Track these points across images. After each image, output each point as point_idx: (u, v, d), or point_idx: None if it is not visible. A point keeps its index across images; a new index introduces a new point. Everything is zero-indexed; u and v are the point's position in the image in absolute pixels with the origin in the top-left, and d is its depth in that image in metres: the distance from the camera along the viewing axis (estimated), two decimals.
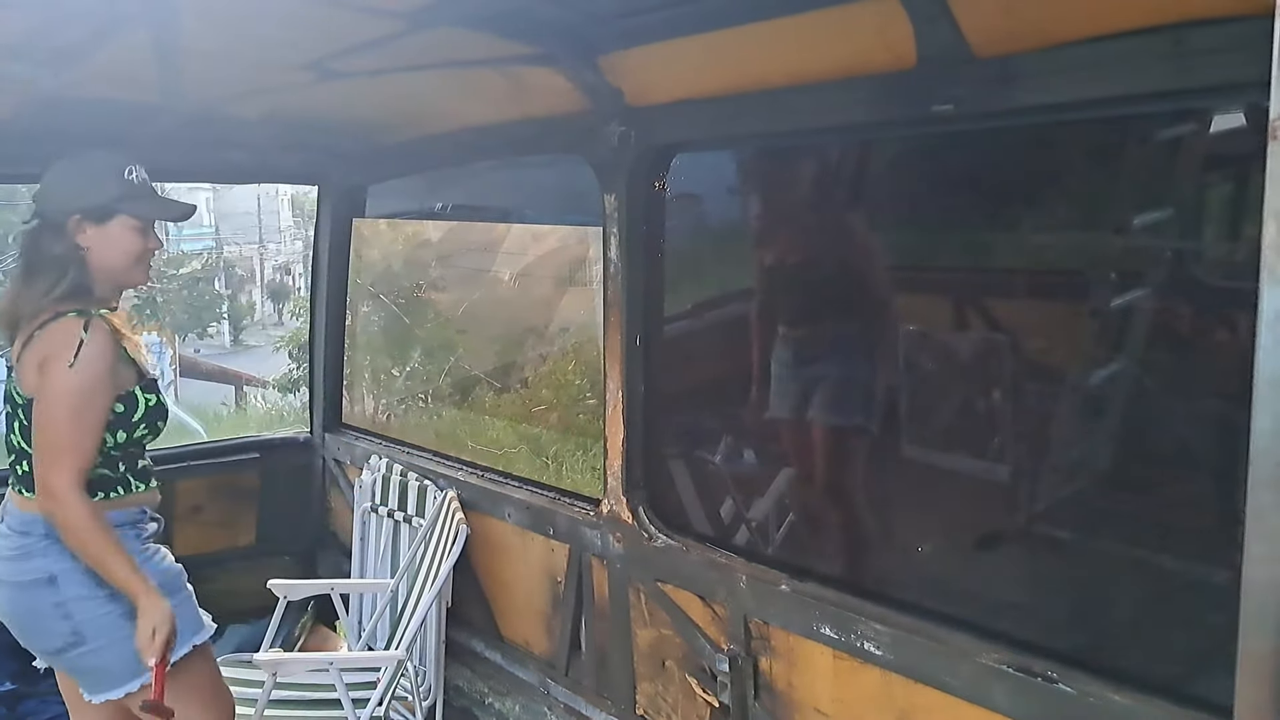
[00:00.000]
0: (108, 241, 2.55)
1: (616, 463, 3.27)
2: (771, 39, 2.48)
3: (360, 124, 4.03)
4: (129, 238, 2.59)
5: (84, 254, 2.54)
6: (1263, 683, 1.35)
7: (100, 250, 2.55)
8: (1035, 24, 2.07)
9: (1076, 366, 3.03)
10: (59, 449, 2.40)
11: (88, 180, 2.56)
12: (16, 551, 2.53)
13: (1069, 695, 2.15)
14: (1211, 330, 2.73)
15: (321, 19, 2.57)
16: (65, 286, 2.49)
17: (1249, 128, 2.16)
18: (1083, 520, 2.91)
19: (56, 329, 2.45)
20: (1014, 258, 3.24)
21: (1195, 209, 2.71)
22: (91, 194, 2.54)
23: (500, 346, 12.18)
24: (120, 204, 2.56)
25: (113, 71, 2.95)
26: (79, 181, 2.57)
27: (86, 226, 2.53)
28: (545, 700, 3.75)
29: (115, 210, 2.55)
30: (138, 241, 2.61)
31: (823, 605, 2.69)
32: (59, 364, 2.40)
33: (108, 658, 2.50)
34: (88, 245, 2.54)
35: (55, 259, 2.51)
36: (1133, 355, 2.80)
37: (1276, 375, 1.29)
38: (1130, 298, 2.80)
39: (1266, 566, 1.33)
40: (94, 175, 2.56)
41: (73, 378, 2.40)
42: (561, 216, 6.31)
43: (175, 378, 23.29)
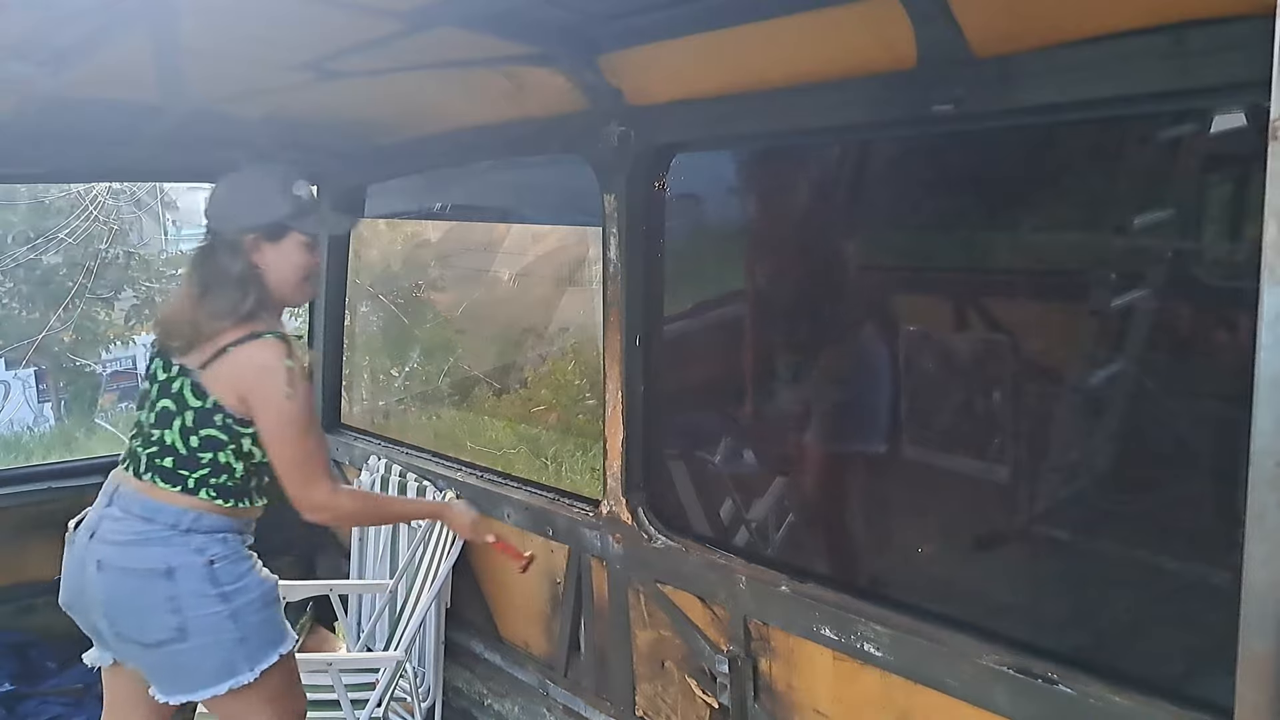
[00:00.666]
0: (282, 259, 2.64)
1: (616, 463, 3.27)
2: (771, 39, 2.47)
3: (359, 124, 4.02)
4: (300, 255, 2.67)
5: (260, 273, 2.61)
6: (1263, 684, 1.35)
7: (275, 268, 2.63)
8: (1035, 24, 2.07)
9: (1077, 367, 3.03)
10: (307, 468, 2.58)
11: (259, 198, 2.64)
12: (135, 537, 2.56)
13: (1069, 696, 2.15)
14: (1212, 330, 2.73)
15: (320, 19, 2.57)
16: (249, 305, 2.57)
17: (1249, 127, 2.16)
18: (1083, 521, 2.91)
19: (255, 355, 2.53)
20: (1014, 258, 3.24)
21: (1195, 209, 2.70)
22: (265, 212, 2.61)
23: (500, 347, 12.19)
24: (292, 221, 2.63)
25: (112, 72, 2.94)
26: (251, 199, 2.65)
27: (262, 245, 2.62)
28: (544, 701, 3.74)
29: (288, 228, 2.63)
30: (307, 258, 2.69)
31: (822, 606, 2.69)
32: (275, 394, 2.51)
33: (203, 657, 2.54)
34: (264, 264, 2.62)
35: (236, 278, 2.58)
36: (1133, 356, 2.79)
37: (1276, 375, 1.28)
38: (1130, 298, 2.80)
39: (1267, 567, 1.33)
40: (265, 192, 2.63)
41: (295, 404, 2.53)
42: (561, 217, 6.30)
43: None
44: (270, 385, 2.52)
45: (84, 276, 18.63)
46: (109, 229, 18.86)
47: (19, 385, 19.84)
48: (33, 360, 19.41)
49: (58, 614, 3.89)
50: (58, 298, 18.64)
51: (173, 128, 3.61)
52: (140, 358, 22.01)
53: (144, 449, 2.63)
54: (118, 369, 21.47)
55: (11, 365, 19.40)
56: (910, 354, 3.34)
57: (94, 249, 18.75)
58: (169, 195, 21.52)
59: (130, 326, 20.65)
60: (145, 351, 21.05)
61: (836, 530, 3.58)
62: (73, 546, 2.66)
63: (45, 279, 18.85)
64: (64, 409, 20.36)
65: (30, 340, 18.73)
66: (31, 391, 20.09)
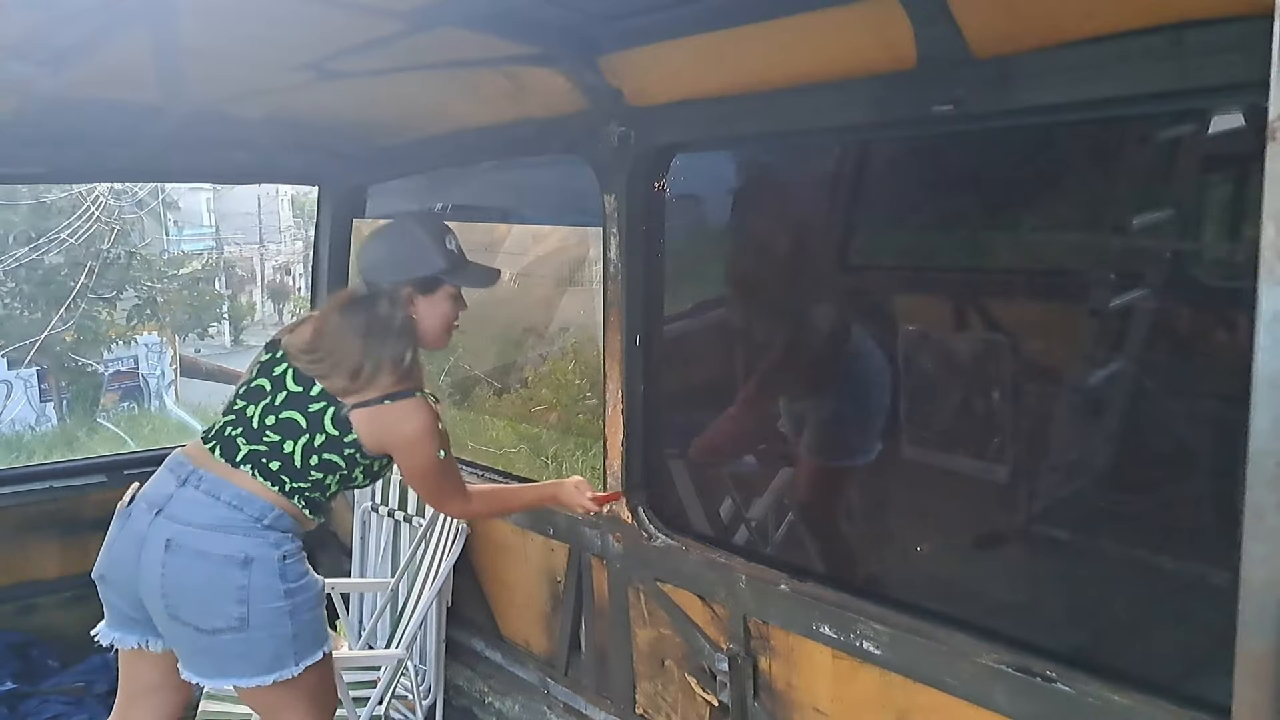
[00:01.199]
0: (432, 310, 2.74)
1: (616, 463, 3.27)
2: (771, 39, 2.48)
3: (361, 124, 4.03)
4: (448, 306, 2.77)
5: (414, 324, 2.72)
6: (1261, 683, 1.35)
7: (426, 320, 2.74)
8: (1035, 24, 2.07)
9: (1076, 367, 3.03)
10: (443, 494, 2.87)
11: (416, 252, 2.72)
12: (218, 523, 2.60)
13: (1068, 695, 2.15)
14: (1210, 330, 2.73)
15: (321, 19, 2.57)
16: (410, 358, 2.71)
17: (1248, 128, 2.16)
18: (1082, 520, 2.91)
19: (412, 414, 2.67)
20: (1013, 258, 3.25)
21: (1194, 209, 2.71)
22: (421, 267, 2.71)
23: (500, 346, 12.19)
24: (446, 276, 2.73)
25: (113, 72, 2.95)
26: (409, 253, 2.73)
27: (417, 298, 2.71)
28: (545, 700, 3.75)
29: (441, 282, 2.73)
30: (453, 310, 2.79)
31: (822, 605, 2.69)
32: (425, 455, 2.71)
33: (257, 649, 2.60)
34: (418, 316, 2.72)
35: (398, 329, 2.69)
36: (1132, 356, 2.80)
37: (1275, 375, 1.28)
38: (1129, 298, 2.80)
39: (1265, 566, 1.33)
40: (421, 247, 2.73)
41: (440, 458, 2.73)
42: (561, 217, 6.31)
43: (176, 378, 23.32)
44: (421, 448, 2.70)
45: (86, 276, 18.65)
46: (110, 229, 18.88)
47: (21, 385, 19.87)
48: (34, 360, 19.43)
49: (59, 613, 3.91)
50: (59, 298, 18.66)
51: (173, 128, 3.61)
52: (142, 357, 22.06)
53: (248, 443, 2.68)
54: (119, 369, 21.51)
55: (13, 365, 19.43)
56: (908, 353, 3.35)
57: (95, 249, 18.76)
58: (170, 195, 21.55)
59: (132, 326, 20.68)
60: (146, 351, 20.94)
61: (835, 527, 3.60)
62: (128, 521, 2.70)
63: (47, 279, 18.87)
64: (65, 408, 20.39)
65: (32, 340, 18.74)
66: (33, 391, 20.12)
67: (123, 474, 4.62)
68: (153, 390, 22.36)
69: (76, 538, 4.38)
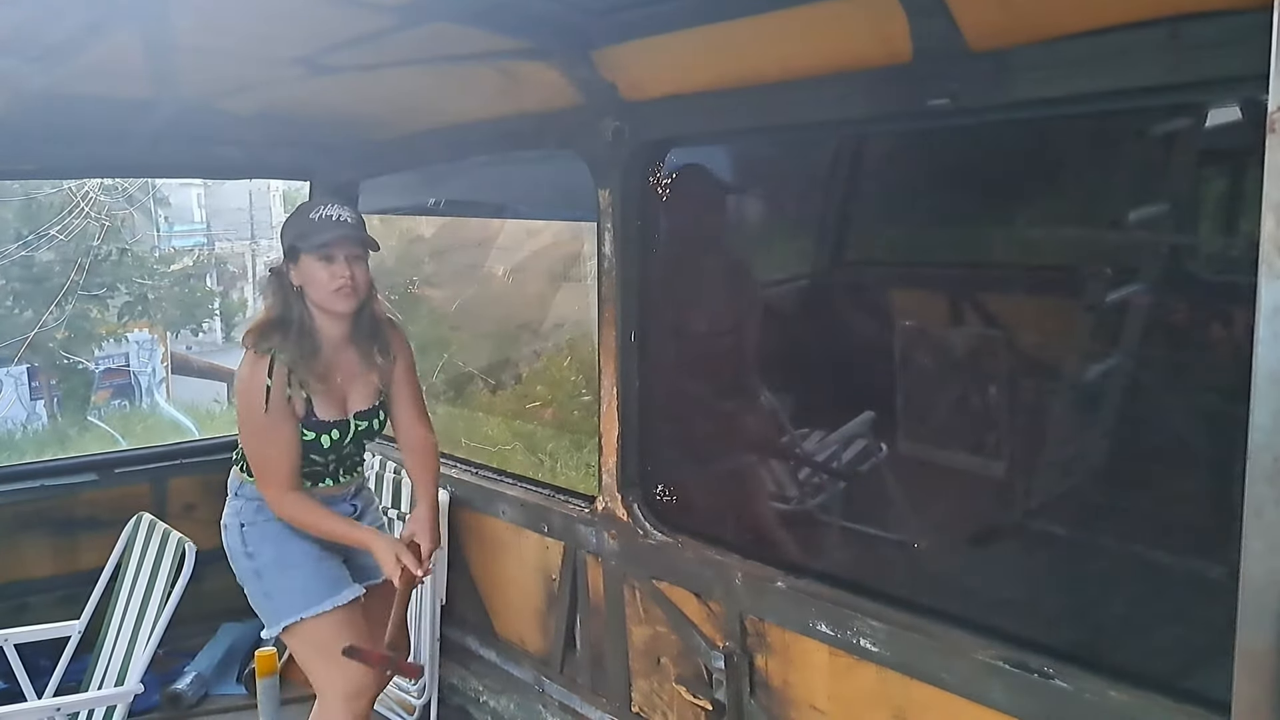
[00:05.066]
0: (307, 277, 2.86)
1: (611, 459, 3.26)
2: (766, 33, 2.46)
3: (352, 119, 4.01)
4: (317, 269, 2.84)
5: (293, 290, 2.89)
6: (1260, 679, 1.34)
7: (307, 286, 2.87)
8: (1031, 17, 2.06)
9: (1070, 362, 3.03)
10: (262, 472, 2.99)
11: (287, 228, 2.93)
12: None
13: (1065, 691, 2.15)
14: (1208, 324, 2.73)
15: (312, 14, 2.55)
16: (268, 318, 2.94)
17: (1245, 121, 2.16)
18: (1080, 516, 2.91)
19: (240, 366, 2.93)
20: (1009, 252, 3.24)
21: (1191, 203, 2.70)
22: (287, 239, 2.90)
23: (494, 343, 12.17)
24: (299, 242, 2.84)
25: (104, 67, 2.93)
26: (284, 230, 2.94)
27: (290, 268, 2.89)
28: (540, 698, 3.74)
29: (298, 249, 2.85)
30: (324, 272, 2.84)
31: (818, 602, 2.68)
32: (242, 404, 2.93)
33: (253, 603, 3.03)
34: (299, 282, 2.88)
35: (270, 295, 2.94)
36: (1128, 350, 2.80)
37: (1274, 370, 1.28)
38: (1126, 292, 2.80)
39: (1264, 562, 1.32)
40: (290, 224, 2.92)
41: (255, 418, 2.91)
42: (555, 212, 6.29)
43: (168, 375, 23.23)
44: (239, 399, 2.92)
45: (76, 273, 18.57)
46: (101, 226, 18.80)
47: (11, 383, 19.77)
48: (25, 357, 19.34)
49: (52, 611, 3.89)
50: (50, 295, 18.58)
51: (164, 123, 3.60)
52: (133, 355, 21.97)
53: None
54: (110, 366, 21.42)
55: (4, 363, 19.33)
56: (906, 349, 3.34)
57: (86, 246, 18.68)
58: (161, 191, 21.45)
59: (123, 323, 20.59)
60: (137, 349, 20.85)
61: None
62: None
63: (38, 276, 18.78)
64: (57, 406, 20.30)
65: (23, 338, 18.66)
66: (24, 389, 20.03)
67: (114, 472, 4.62)
68: (144, 388, 22.27)
69: (68, 536, 4.37)
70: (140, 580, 3.57)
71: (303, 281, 2.86)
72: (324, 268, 2.83)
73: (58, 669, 3.73)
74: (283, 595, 2.96)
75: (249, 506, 3.01)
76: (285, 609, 2.95)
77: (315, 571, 2.99)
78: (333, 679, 2.96)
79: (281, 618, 2.94)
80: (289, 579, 2.96)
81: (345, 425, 2.97)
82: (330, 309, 2.88)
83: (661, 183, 3.14)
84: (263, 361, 2.83)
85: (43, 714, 3.28)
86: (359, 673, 2.95)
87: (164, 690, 4.19)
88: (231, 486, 3.08)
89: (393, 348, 3.05)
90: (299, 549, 2.98)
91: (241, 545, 3.00)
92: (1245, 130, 2.09)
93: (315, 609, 2.94)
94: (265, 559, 2.98)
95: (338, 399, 2.95)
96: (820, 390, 3.66)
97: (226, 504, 3.08)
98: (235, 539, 3.01)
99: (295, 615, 2.94)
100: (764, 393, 3.73)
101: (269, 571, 2.97)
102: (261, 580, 2.98)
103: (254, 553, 2.98)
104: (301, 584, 2.96)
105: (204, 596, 3.61)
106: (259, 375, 2.82)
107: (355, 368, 2.99)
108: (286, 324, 2.87)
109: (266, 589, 2.98)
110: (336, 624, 2.95)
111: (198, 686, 4.27)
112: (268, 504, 2.94)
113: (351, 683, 2.96)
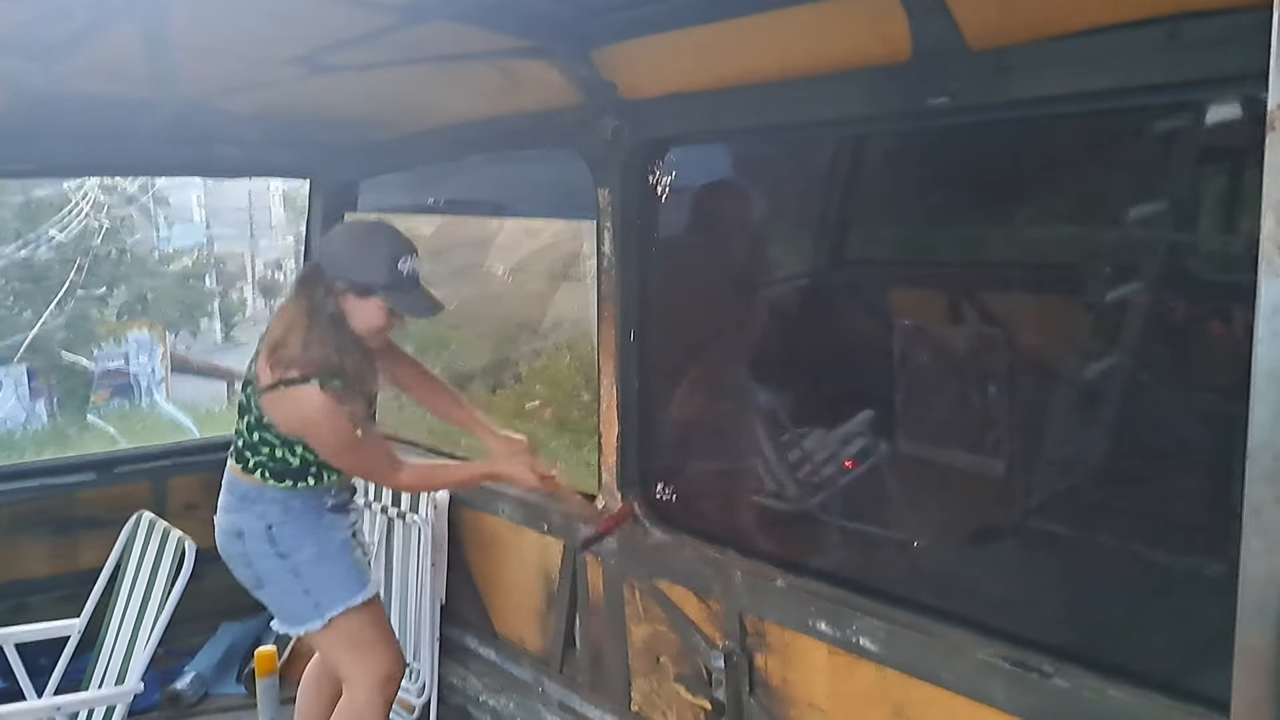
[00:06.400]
0: (361, 315, 2.84)
1: (611, 458, 3.26)
2: (766, 32, 2.46)
3: (352, 118, 4.01)
4: (377, 316, 2.86)
5: (342, 317, 2.83)
6: (1260, 676, 1.35)
7: (354, 320, 2.84)
8: (1031, 16, 2.06)
9: (1069, 362, 3.03)
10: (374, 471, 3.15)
11: (367, 259, 2.83)
12: (224, 506, 3.06)
13: (1064, 690, 2.15)
14: (1207, 323, 2.73)
15: (312, 13, 2.55)
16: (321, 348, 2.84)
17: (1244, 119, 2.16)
18: (1079, 515, 2.91)
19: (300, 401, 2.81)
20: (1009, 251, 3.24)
21: (1191, 202, 2.70)
22: (364, 273, 2.81)
23: (494, 342, 12.16)
24: (381, 290, 2.82)
25: (103, 66, 2.93)
26: (360, 256, 2.85)
27: (349, 296, 2.83)
28: (540, 697, 3.74)
29: (374, 292, 2.82)
30: (384, 321, 2.88)
31: (818, 601, 2.68)
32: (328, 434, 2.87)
33: (280, 602, 3.03)
34: (347, 311, 2.83)
35: (325, 319, 2.82)
36: (1128, 349, 2.80)
37: (1274, 369, 1.28)
38: (1125, 291, 2.80)
39: (1264, 560, 1.32)
40: (374, 256, 2.82)
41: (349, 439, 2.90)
42: (555, 211, 6.29)
43: (167, 374, 23.24)
44: (320, 431, 2.84)
45: (76, 273, 18.58)
46: (100, 225, 18.81)
47: (11, 382, 19.78)
48: (25, 357, 19.35)
49: (52, 610, 3.89)
50: (50, 294, 18.59)
51: (164, 122, 3.59)
52: (133, 354, 21.99)
53: (235, 438, 3.05)
54: (110, 366, 21.43)
55: (3, 362, 19.34)
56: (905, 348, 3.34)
57: (86, 245, 18.69)
58: (160, 191, 21.46)
59: (123, 323, 20.60)
60: (137, 348, 20.92)
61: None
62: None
63: (38, 276, 18.79)
64: (56, 406, 20.31)
65: (22, 337, 18.67)
66: (23, 389, 20.03)
67: (113, 472, 4.62)
68: (143, 387, 22.27)
69: (68, 535, 4.37)
70: (140, 579, 3.56)
71: (352, 312, 2.83)
72: (387, 318, 2.87)
73: (58, 668, 3.73)
74: (326, 589, 2.98)
75: (274, 509, 2.98)
76: (329, 602, 2.97)
77: (353, 561, 3.08)
78: (365, 666, 3.02)
79: (325, 611, 2.96)
80: (330, 572, 2.99)
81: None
82: (369, 342, 2.93)
83: (661, 181, 3.15)
84: (324, 397, 2.78)
85: (43, 713, 3.29)
86: (387, 658, 3.05)
87: (164, 689, 4.19)
88: (244, 495, 3.01)
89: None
90: (337, 541, 3.04)
91: (271, 547, 2.96)
92: (1245, 128, 2.09)
93: (359, 597, 3.00)
94: (305, 556, 2.97)
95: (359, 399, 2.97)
96: (820, 389, 3.66)
97: (231, 511, 3.03)
98: (261, 543, 2.97)
99: (341, 606, 2.97)
100: (762, 391, 3.73)
101: (308, 568, 2.97)
102: (300, 577, 2.97)
103: (288, 551, 2.96)
104: (344, 576, 3.01)
105: (204, 596, 3.60)
106: (332, 406, 2.78)
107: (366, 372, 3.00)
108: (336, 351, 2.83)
109: (306, 585, 2.97)
110: (372, 612, 3.06)
111: (198, 686, 4.27)
112: (395, 488, 3.25)
113: (384, 667, 3.04)
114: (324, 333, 2.80)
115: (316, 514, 3.03)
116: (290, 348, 2.79)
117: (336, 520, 3.09)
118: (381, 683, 3.03)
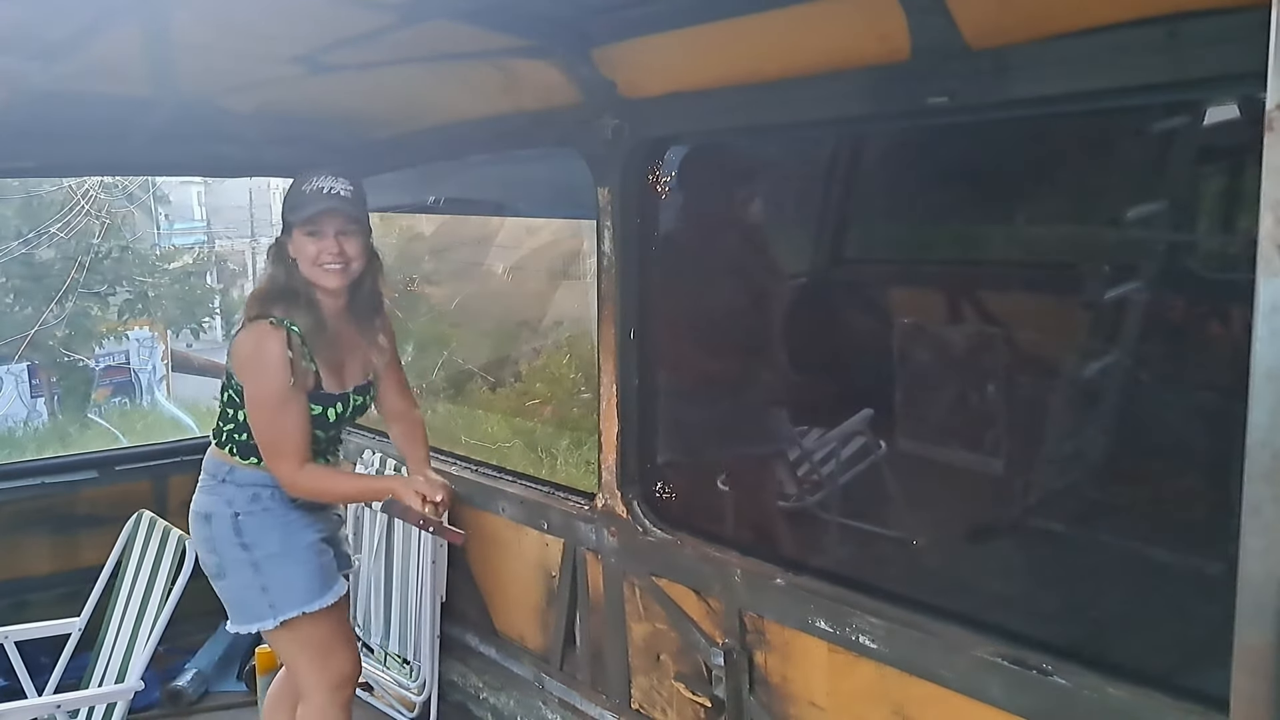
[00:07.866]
0: (298, 250, 2.83)
1: (611, 457, 3.26)
2: (765, 31, 2.46)
3: (352, 117, 4.01)
4: (305, 243, 2.82)
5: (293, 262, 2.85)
6: (1259, 676, 1.35)
7: (298, 259, 2.83)
8: (1030, 15, 2.06)
9: (1068, 360, 3.03)
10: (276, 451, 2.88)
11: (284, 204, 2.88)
12: (199, 485, 2.99)
13: (1064, 688, 2.15)
14: (1206, 322, 2.73)
15: (312, 12, 2.55)
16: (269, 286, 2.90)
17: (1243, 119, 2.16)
18: (1078, 513, 2.91)
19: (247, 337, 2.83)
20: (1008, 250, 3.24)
21: (1190, 201, 2.70)
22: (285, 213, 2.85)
23: (494, 341, 12.17)
24: (287, 214, 2.83)
25: (104, 65, 2.93)
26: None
27: (286, 243, 2.85)
28: (540, 695, 3.74)
29: (289, 222, 2.82)
30: (311, 245, 2.82)
31: (818, 599, 2.69)
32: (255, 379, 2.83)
33: (236, 596, 2.94)
34: (295, 255, 2.84)
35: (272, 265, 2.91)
36: (1127, 348, 2.80)
37: (1273, 368, 1.28)
38: (1124, 290, 2.80)
39: (1262, 560, 1.32)
40: (285, 200, 2.87)
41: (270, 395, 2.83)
42: (555, 210, 6.29)
43: (168, 372, 23.23)
44: (249, 374, 2.79)
45: (77, 271, 18.57)
46: (101, 223, 18.79)
47: (12, 380, 19.76)
48: (25, 355, 19.34)
49: (53, 608, 3.89)
50: (51, 292, 18.57)
51: (164, 121, 3.59)
52: (133, 352, 21.97)
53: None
54: (111, 364, 21.40)
55: (4, 360, 19.33)
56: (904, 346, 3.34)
57: (87, 243, 18.68)
58: (161, 190, 21.44)
59: (123, 321, 20.58)
60: (138, 346, 20.88)
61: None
62: None
63: (39, 273, 18.78)
64: (57, 404, 20.30)
65: (23, 335, 18.66)
66: (24, 386, 20.02)
67: (114, 470, 4.62)
68: (144, 385, 22.26)
69: (68, 533, 4.38)
70: (141, 577, 3.57)
71: (295, 254, 2.81)
72: (312, 242, 2.79)
73: (58, 666, 3.74)
74: (282, 589, 2.88)
75: (242, 494, 2.89)
76: (285, 603, 2.87)
77: (318, 566, 2.95)
78: (318, 674, 2.96)
79: (280, 612, 2.87)
80: (291, 572, 2.90)
81: (346, 399, 2.94)
82: (317, 283, 2.83)
83: (663, 179, 3.15)
84: (277, 333, 2.73)
85: (43, 711, 3.29)
86: (343, 663, 2.98)
87: (164, 687, 4.20)
88: (215, 472, 2.94)
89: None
90: (303, 542, 2.93)
91: (235, 536, 2.87)
92: (1244, 128, 2.09)
93: (317, 604, 2.90)
94: (267, 550, 2.88)
95: (337, 373, 2.90)
96: (819, 388, 3.66)
97: (203, 492, 2.95)
98: (225, 529, 2.88)
99: (296, 610, 2.87)
100: (764, 388, 3.74)
101: (269, 564, 2.88)
102: (259, 573, 2.87)
103: (251, 543, 2.87)
104: (305, 578, 2.91)
105: (204, 593, 3.59)
106: (275, 346, 2.72)
107: (353, 341, 2.95)
108: (292, 295, 2.81)
109: (264, 582, 2.87)
110: (330, 619, 2.95)
111: (198, 683, 4.28)
112: (282, 483, 2.84)
113: (337, 673, 2.98)
114: (274, 271, 2.86)
115: (284, 509, 2.92)
116: (254, 292, 2.90)
117: (305, 519, 2.97)
118: (334, 688, 2.98)
